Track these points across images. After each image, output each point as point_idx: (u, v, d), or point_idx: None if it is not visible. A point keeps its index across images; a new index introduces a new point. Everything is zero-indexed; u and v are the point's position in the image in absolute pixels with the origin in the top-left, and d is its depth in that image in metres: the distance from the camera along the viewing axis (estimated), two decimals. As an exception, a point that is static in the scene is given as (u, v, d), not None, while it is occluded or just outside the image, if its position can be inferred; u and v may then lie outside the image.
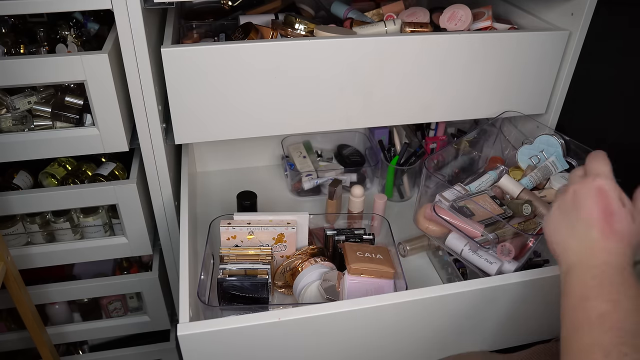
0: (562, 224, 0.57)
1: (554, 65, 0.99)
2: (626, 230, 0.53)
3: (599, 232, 0.53)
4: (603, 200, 0.54)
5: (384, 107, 0.94)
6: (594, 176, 0.56)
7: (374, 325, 0.74)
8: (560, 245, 0.57)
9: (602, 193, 0.54)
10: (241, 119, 0.89)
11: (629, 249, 0.53)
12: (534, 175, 0.93)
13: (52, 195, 0.96)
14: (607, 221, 0.53)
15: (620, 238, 0.53)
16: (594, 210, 0.54)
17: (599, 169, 0.57)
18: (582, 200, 0.55)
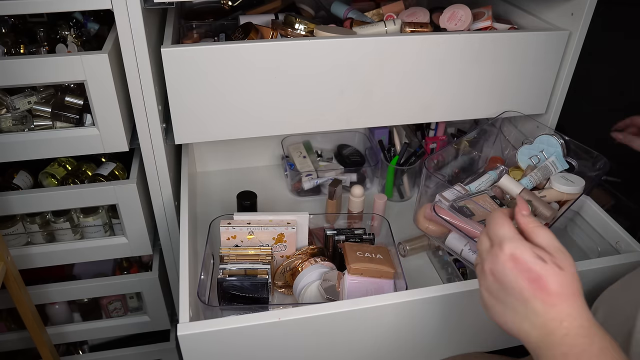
0: (502, 308, 0.51)
1: (554, 65, 0.99)
2: (562, 284, 0.48)
3: (540, 304, 0.48)
4: (523, 270, 0.49)
5: (384, 107, 0.94)
6: (499, 245, 0.51)
7: (374, 325, 0.74)
8: (514, 331, 0.51)
9: (516, 261, 0.49)
10: (241, 119, 0.89)
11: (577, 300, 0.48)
12: (534, 175, 0.92)
13: (52, 195, 0.96)
14: (540, 289, 0.48)
15: (563, 297, 0.48)
16: (521, 285, 0.49)
17: (500, 233, 0.52)
18: (503, 278, 0.50)
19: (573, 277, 0.49)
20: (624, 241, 0.87)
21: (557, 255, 0.50)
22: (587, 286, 0.81)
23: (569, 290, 0.48)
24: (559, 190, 0.90)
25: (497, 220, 0.53)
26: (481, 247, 0.54)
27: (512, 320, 0.51)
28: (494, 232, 0.52)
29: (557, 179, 0.92)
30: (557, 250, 0.50)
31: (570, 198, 0.90)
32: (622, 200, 0.80)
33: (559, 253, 0.50)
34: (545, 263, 0.49)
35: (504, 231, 0.51)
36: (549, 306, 0.48)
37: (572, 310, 0.48)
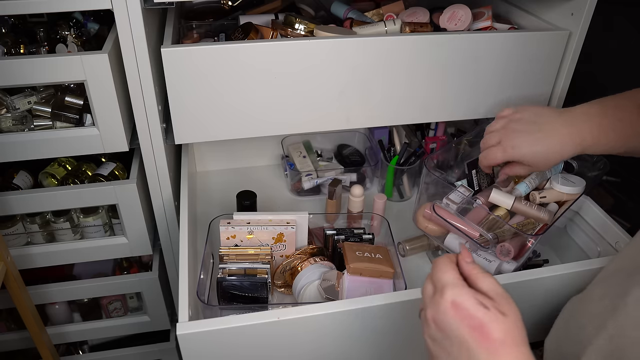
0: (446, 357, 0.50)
1: (554, 65, 0.99)
2: (506, 331, 0.47)
3: (484, 351, 0.47)
4: (464, 317, 0.48)
5: (384, 107, 0.94)
6: (442, 291, 0.50)
7: (373, 325, 0.74)
8: None
9: (457, 308, 0.48)
10: (241, 119, 0.89)
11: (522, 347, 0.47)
12: (531, 181, 0.93)
13: (52, 195, 0.96)
14: (482, 337, 0.47)
15: (507, 344, 0.47)
16: (463, 333, 0.47)
17: (442, 279, 0.51)
18: (445, 327, 0.49)
19: (516, 323, 0.48)
20: (624, 241, 0.87)
21: (499, 301, 0.49)
22: (586, 286, 0.81)
23: (512, 338, 0.47)
24: (559, 190, 0.90)
25: (440, 266, 0.52)
26: (425, 293, 0.53)
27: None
28: (437, 277, 0.51)
29: (557, 180, 0.92)
30: (499, 296, 0.49)
31: (570, 198, 0.90)
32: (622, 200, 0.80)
33: (501, 299, 0.49)
34: (487, 310, 0.47)
35: (446, 277, 0.50)
36: (493, 353, 0.46)
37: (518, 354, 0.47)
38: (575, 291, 0.82)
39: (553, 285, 0.79)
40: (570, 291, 0.82)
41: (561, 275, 0.78)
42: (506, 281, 0.76)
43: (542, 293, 0.80)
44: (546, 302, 0.82)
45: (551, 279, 0.78)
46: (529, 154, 0.76)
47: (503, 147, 0.78)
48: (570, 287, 0.80)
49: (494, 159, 0.79)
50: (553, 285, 0.79)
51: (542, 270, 0.78)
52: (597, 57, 1.08)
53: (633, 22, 1.29)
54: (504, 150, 0.78)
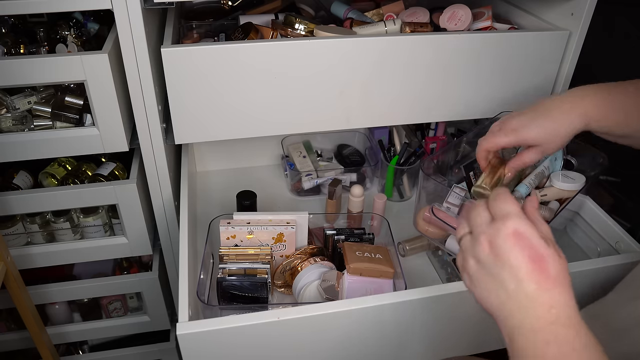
0: (490, 283, 0.49)
1: (554, 65, 0.99)
2: (559, 271, 0.47)
3: (534, 284, 0.46)
4: (526, 246, 0.47)
5: (384, 107, 0.94)
6: (504, 219, 0.48)
7: (373, 325, 0.74)
8: (494, 307, 0.49)
9: (521, 238, 0.47)
10: (241, 119, 0.89)
11: (569, 291, 0.47)
12: (530, 182, 0.93)
13: (52, 195, 0.96)
14: (540, 269, 0.46)
15: (559, 283, 0.46)
16: (520, 261, 0.47)
17: (505, 208, 0.49)
18: (501, 252, 0.48)
19: (567, 267, 0.48)
20: (624, 241, 0.87)
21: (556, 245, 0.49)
22: (587, 286, 0.81)
23: (564, 279, 0.47)
24: (559, 187, 0.90)
25: (503, 197, 0.50)
26: (478, 218, 0.51)
27: (495, 296, 0.49)
28: (499, 206, 0.50)
29: (557, 177, 0.92)
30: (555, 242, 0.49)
31: (570, 195, 0.90)
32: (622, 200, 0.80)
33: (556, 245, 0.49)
34: (548, 246, 0.47)
35: (510, 207, 0.49)
36: (543, 290, 0.46)
37: (564, 299, 0.46)
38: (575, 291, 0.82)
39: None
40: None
41: (561, 275, 0.78)
42: (506, 281, 0.76)
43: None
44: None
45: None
46: (537, 130, 0.69)
47: (505, 131, 0.70)
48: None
49: (494, 143, 0.71)
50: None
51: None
52: (597, 57, 1.08)
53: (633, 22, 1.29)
54: (507, 133, 0.70)
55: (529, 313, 0.46)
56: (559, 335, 0.45)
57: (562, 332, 0.45)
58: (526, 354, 0.46)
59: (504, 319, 0.48)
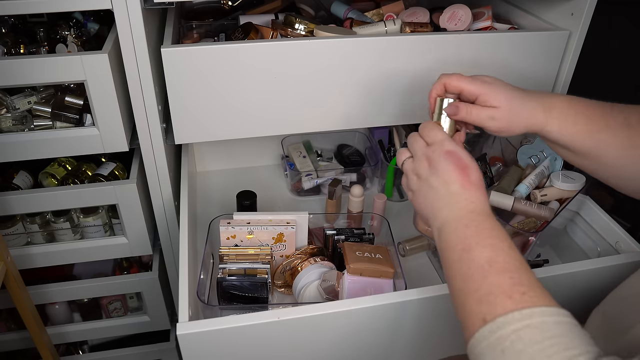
0: (427, 190, 0.62)
1: (554, 65, 0.98)
2: (480, 180, 0.60)
3: (459, 186, 0.59)
4: (455, 159, 0.60)
5: (384, 107, 0.94)
6: (440, 143, 0.62)
7: (373, 325, 0.74)
8: (430, 209, 0.61)
9: (452, 154, 0.61)
10: (241, 119, 0.89)
11: (485, 194, 0.60)
12: (530, 182, 0.93)
13: (52, 195, 0.96)
14: (464, 174, 0.59)
15: (478, 187, 0.59)
16: (450, 169, 0.60)
17: (438, 135, 0.63)
18: (437, 163, 0.61)
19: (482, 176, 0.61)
20: (624, 241, 0.87)
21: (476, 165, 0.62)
22: (587, 286, 0.81)
23: (481, 185, 0.60)
24: (559, 187, 0.91)
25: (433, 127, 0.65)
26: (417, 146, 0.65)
27: (430, 199, 0.61)
28: (432, 134, 0.64)
29: (557, 177, 0.92)
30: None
31: (570, 195, 0.90)
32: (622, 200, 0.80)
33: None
34: (472, 159, 0.61)
35: (441, 134, 0.63)
36: (466, 190, 0.58)
37: (481, 196, 0.59)
38: (575, 291, 0.82)
39: (553, 285, 0.79)
40: (571, 291, 0.82)
41: (561, 275, 0.78)
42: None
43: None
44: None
45: (551, 279, 0.77)
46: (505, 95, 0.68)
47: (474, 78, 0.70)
48: (570, 287, 0.80)
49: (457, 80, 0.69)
50: (553, 285, 0.79)
51: (542, 270, 0.78)
52: (597, 57, 1.08)
53: (633, 22, 1.29)
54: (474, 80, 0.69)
55: (454, 206, 0.58)
56: (476, 220, 0.56)
57: (479, 218, 0.57)
58: (450, 238, 0.57)
59: (435, 217, 0.60)
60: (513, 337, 0.46)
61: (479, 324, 0.49)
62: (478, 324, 0.49)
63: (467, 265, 0.54)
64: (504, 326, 0.47)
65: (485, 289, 0.51)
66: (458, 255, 0.55)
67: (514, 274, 0.51)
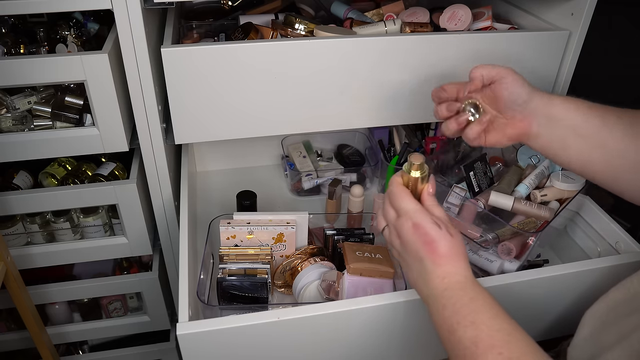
0: (406, 266, 0.63)
1: (554, 65, 0.98)
2: (452, 248, 0.58)
3: (430, 263, 0.58)
4: (421, 234, 0.59)
5: (384, 107, 0.94)
6: (406, 215, 0.61)
7: (373, 325, 0.74)
8: (412, 283, 0.63)
9: (417, 228, 0.59)
10: (241, 119, 0.89)
11: (460, 261, 0.58)
12: (530, 182, 0.93)
13: (52, 195, 0.96)
14: (431, 250, 0.58)
15: (449, 260, 0.58)
16: (418, 246, 0.59)
17: (404, 206, 0.61)
18: (407, 242, 0.60)
19: (459, 242, 0.59)
20: (624, 241, 0.87)
21: (448, 225, 0.60)
22: (587, 286, 0.81)
23: (454, 253, 0.58)
24: (559, 187, 0.91)
25: (400, 195, 0.62)
26: (389, 217, 0.64)
27: (411, 277, 0.62)
28: (399, 205, 0.62)
29: (557, 177, 0.92)
30: (448, 222, 0.61)
31: (570, 195, 0.90)
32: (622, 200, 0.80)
33: (449, 224, 0.60)
34: (439, 229, 0.59)
35: (408, 205, 0.61)
36: (436, 265, 0.58)
37: (453, 269, 0.57)
38: (575, 291, 0.82)
39: (553, 285, 0.79)
40: (570, 291, 0.82)
41: (561, 275, 0.78)
42: (506, 281, 0.76)
43: (542, 293, 0.80)
44: (546, 302, 0.82)
45: (551, 279, 0.78)
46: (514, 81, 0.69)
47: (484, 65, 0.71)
48: (570, 287, 0.80)
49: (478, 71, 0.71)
50: (553, 285, 0.79)
51: (542, 270, 0.78)
52: (597, 57, 1.08)
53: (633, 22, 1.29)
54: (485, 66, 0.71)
55: (429, 285, 0.58)
56: (451, 298, 0.56)
57: (453, 295, 0.56)
58: (434, 318, 0.58)
59: (419, 292, 0.61)
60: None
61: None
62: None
63: (454, 346, 0.54)
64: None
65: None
66: (446, 336, 0.56)
67: (503, 349, 0.50)
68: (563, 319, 0.86)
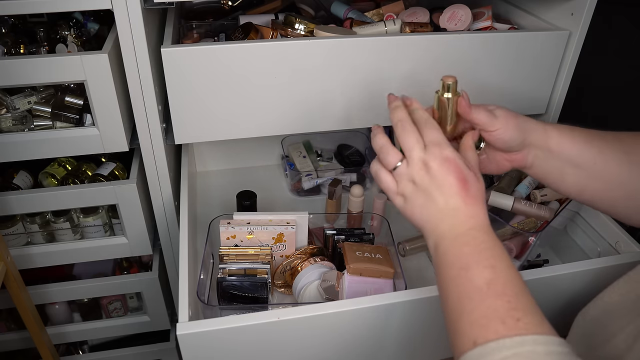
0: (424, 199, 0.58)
1: (554, 65, 0.99)
2: (480, 192, 0.57)
3: (460, 201, 0.56)
4: (455, 170, 0.56)
5: (384, 107, 0.94)
6: (439, 146, 0.58)
7: (373, 325, 0.74)
8: (425, 221, 0.58)
9: (451, 163, 0.57)
10: (241, 119, 0.89)
11: (485, 208, 0.58)
12: (530, 182, 0.93)
13: (52, 195, 0.96)
14: (465, 188, 0.56)
15: (477, 201, 0.57)
16: (450, 181, 0.56)
17: (437, 138, 0.58)
18: (437, 172, 0.57)
19: (484, 189, 0.59)
20: (624, 241, 0.87)
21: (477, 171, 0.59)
22: (587, 286, 0.81)
23: (481, 197, 0.57)
24: (559, 189, 0.90)
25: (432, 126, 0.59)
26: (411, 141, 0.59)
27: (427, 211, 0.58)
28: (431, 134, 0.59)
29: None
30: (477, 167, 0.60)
31: (570, 197, 0.90)
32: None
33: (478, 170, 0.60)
34: (470, 171, 0.57)
35: (441, 136, 0.58)
36: (467, 204, 0.56)
37: (481, 212, 0.56)
38: (575, 291, 0.82)
39: (553, 285, 0.79)
40: (570, 291, 0.82)
41: (561, 275, 0.78)
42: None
43: (542, 293, 0.80)
44: (546, 302, 0.81)
45: (551, 279, 0.78)
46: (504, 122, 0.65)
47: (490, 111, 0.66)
48: (570, 287, 0.80)
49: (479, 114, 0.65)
50: (553, 285, 0.79)
51: (542, 270, 0.78)
52: (597, 57, 1.08)
53: (633, 22, 1.29)
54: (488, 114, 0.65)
55: (453, 222, 0.56)
56: (476, 237, 0.55)
57: (478, 235, 0.55)
58: (448, 255, 0.55)
59: (432, 230, 0.58)
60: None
61: (469, 345, 0.48)
62: (468, 345, 0.49)
63: (464, 284, 0.52)
64: (494, 352, 0.46)
65: (481, 311, 0.50)
66: (456, 273, 0.54)
67: (512, 298, 0.50)
68: (563, 319, 0.86)
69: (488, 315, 0.49)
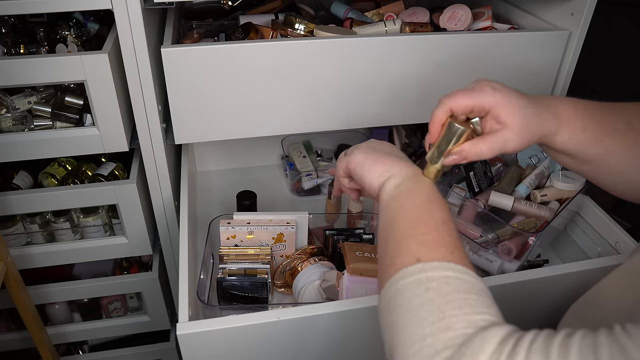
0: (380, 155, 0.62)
1: (554, 65, 0.98)
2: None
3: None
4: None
5: (384, 107, 0.94)
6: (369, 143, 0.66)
7: (373, 325, 0.74)
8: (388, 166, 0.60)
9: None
10: (241, 119, 0.89)
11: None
12: (530, 182, 0.93)
13: (52, 195, 0.96)
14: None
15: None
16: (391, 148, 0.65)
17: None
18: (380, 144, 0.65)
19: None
20: (624, 241, 0.87)
21: None
22: (587, 286, 0.81)
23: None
24: (559, 187, 0.91)
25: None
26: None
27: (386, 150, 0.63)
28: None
29: (557, 177, 0.92)
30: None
31: (570, 195, 0.90)
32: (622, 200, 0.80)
33: None
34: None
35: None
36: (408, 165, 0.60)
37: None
38: (575, 291, 0.82)
39: (553, 285, 0.79)
40: (570, 291, 0.81)
41: (561, 275, 0.78)
42: (506, 281, 0.76)
43: (542, 293, 0.80)
44: (546, 302, 0.82)
45: (551, 279, 0.77)
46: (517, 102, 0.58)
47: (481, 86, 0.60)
48: (570, 287, 0.80)
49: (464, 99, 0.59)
50: (553, 285, 0.79)
51: (542, 270, 0.78)
52: (597, 57, 1.08)
53: (633, 22, 1.29)
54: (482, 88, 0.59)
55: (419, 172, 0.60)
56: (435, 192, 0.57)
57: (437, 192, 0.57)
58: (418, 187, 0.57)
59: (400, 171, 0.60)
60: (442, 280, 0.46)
61: (411, 261, 0.49)
62: (410, 261, 0.49)
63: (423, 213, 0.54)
64: (437, 270, 0.47)
65: (433, 236, 0.51)
66: (419, 201, 0.55)
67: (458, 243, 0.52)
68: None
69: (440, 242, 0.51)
